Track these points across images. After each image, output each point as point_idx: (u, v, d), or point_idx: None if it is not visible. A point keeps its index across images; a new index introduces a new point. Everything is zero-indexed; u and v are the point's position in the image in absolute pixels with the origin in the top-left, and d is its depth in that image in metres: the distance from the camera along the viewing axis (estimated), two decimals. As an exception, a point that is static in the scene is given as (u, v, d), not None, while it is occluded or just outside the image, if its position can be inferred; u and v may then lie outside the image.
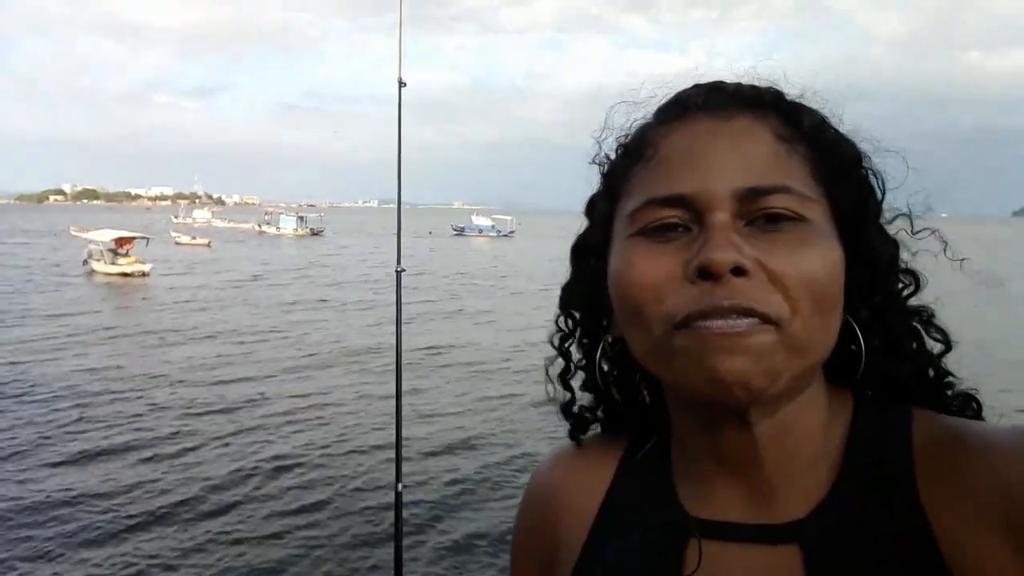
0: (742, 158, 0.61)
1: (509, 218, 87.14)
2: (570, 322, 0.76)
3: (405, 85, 3.11)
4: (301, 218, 79.14)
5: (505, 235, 79.28)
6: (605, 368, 0.75)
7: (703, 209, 0.59)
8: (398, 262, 3.04)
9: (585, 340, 0.76)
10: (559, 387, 0.78)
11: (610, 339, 0.72)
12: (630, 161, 0.67)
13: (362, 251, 50.33)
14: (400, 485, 2.81)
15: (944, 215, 0.72)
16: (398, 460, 2.87)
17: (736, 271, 0.57)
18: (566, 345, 0.77)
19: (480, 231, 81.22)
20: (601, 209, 0.70)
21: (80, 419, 10.92)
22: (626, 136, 0.70)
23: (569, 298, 0.76)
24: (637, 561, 0.67)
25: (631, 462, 0.74)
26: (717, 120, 0.63)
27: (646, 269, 0.60)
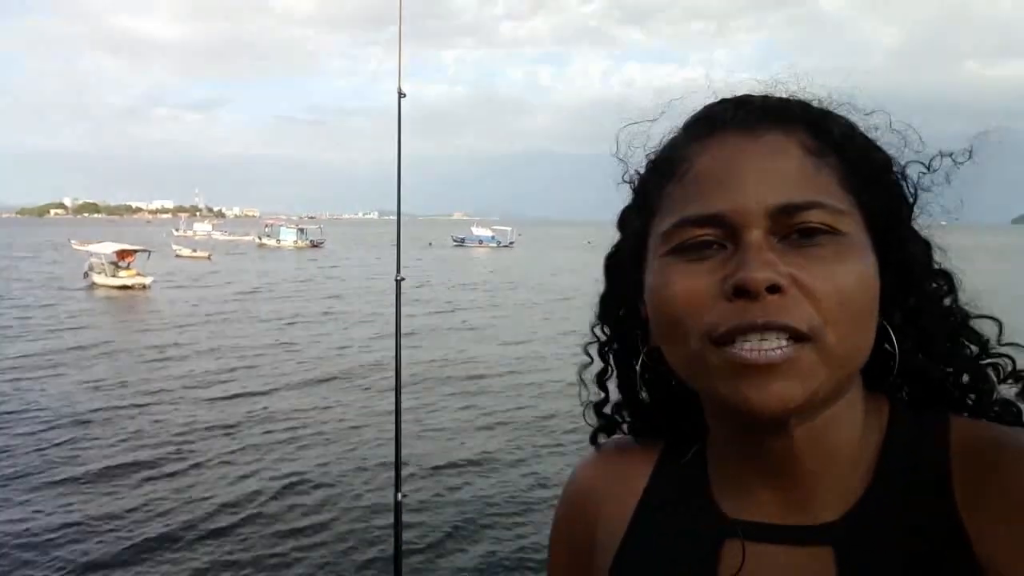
0: (773, 175, 0.61)
1: (509, 229, 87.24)
2: (607, 331, 0.78)
3: (405, 96, 3.13)
4: (301, 230, 79.15)
5: (505, 246, 79.30)
6: (643, 375, 0.76)
7: (737, 227, 0.60)
8: (397, 271, 3.05)
9: (621, 349, 0.77)
10: (595, 388, 0.80)
11: (646, 348, 0.73)
12: (661, 178, 0.67)
13: (362, 263, 50.33)
14: (400, 494, 2.80)
15: (943, 223, 0.72)
16: (397, 469, 2.87)
17: (771, 288, 0.57)
18: (604, 351, 0.78)
19: (480, 242, 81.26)
20: (634, 225, 0.71)
21: (80, 438, 10.82)
22: (655, 152, 0.71)
23: (606, 309, 0.77)
24: (674, 560, 0.68)
25: (668, 464, 0.75)
26: (747, 137, 0.64)
27: (683, 287, 0.61)
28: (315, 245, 73.63)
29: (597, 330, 0.79)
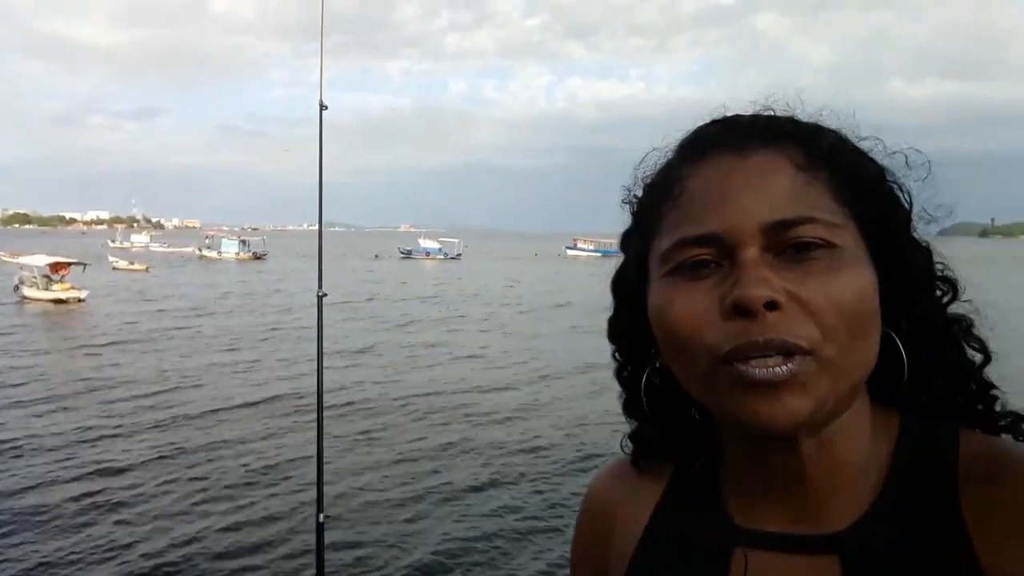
0: (765, 193, 0.62)
1: (456, 240, 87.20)
2: (620, 351, 0.79)
3: (327, 108, 3.10)
4: (244, 242, 77.57)
5: (453, 257, 79.16)
6: (652, 392, 0.76)
7: (732, 246, 0.61)
8: (319, 287, 3.01)
9: (632, 368, 0.78)
10: (625, 416, 0.80)
11: (657, 365, 0.74)
12: (657, 200, 0.69)
13: (305, 276, 49.50)
14: (322, 516, 2.75)
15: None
16: (319, 489, 2.81)
17: (769, 305, 0.58)
18: (623, 374, 0.79)
19: (428, 253, 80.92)
20: (636, 246, 0.72)
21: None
22: (651, 176, 0.72)
23: (615, 330, 0.78)
24: (685, 567, 0.70)
25: (682, 476, 0.76)
26: (737, 156, 0.65)
27: (683, 307, 0.62)
28: (258, 257, 72.25)
29: (613, 353, 0.79)
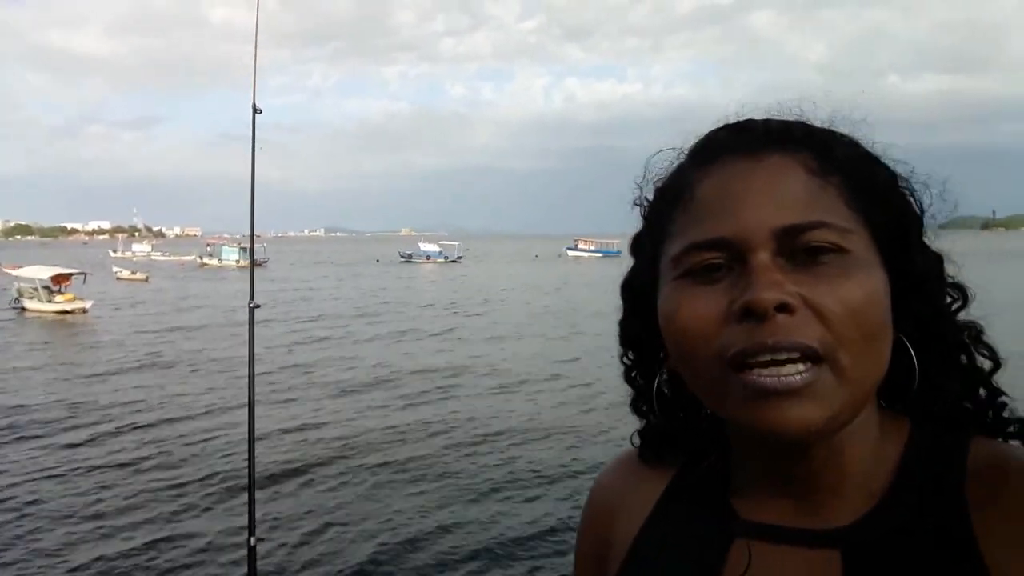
0: (777, 197, 0.62)
1: (457, 244, 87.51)
2: (630, 355, 0.79)
3: (260, 112, 3.01)
4: (244, 248, 77.52)
5: (453, 260, 79.31)
6: (665, 392, 0.77)
7: (743, 250, 0.61)
8: (251, 298, 2.90)
9: (642, 371, 0.78)
10: (635, 415, 0.81)
11: (666, 372, 0.75)
12: (669, 204, 0.69)
13: (305, 283, 49.41)
14: (253, 539, 2.63)
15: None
16: (251, 511, 2.68)
17: (780, 308, 0.58)
18: (632, 376, 0.79)
19: (428, 257, 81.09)
20: (646, 250, 0.72)
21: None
22: (662, 179, 0.72)
23: (625, 334, 0.78)
24: (683, 556, 0.70)
25: (689, 471, 0.77)
26: (749, 161, 0.64)
27: (693, 311, 0.62)
28: (259, 264, 72.17)
29: (622, 356, 0.80)
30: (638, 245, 0.75)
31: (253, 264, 3.12)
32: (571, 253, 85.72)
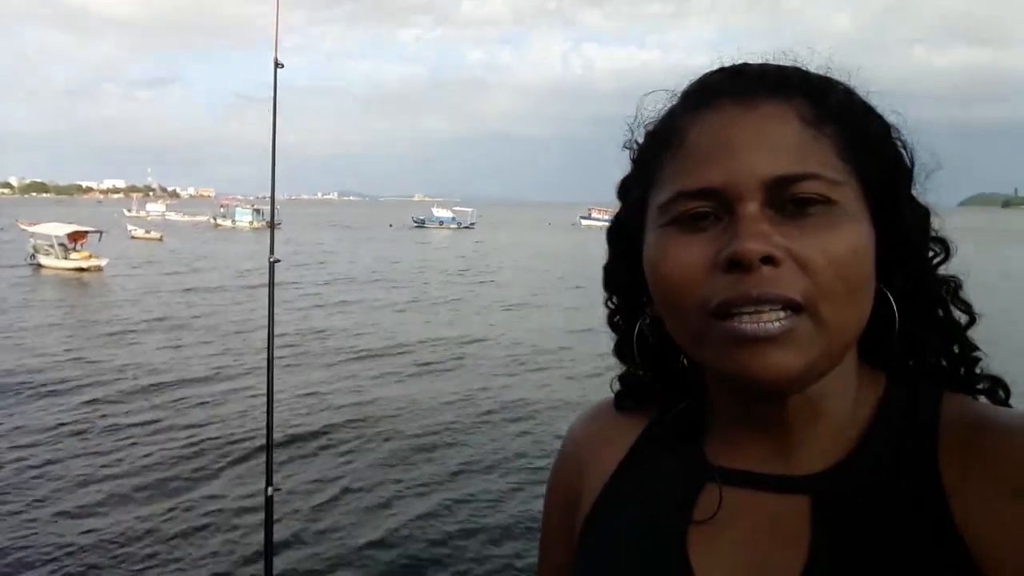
0: (768, 146, 0.61)
1: (470, 210, 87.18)
2: (614, 300, 0.78)
3: (282, 67, 2.99)
4: (257, 211, 77.55)
5: (466, 226, 79.22)
6: (648, 337, 0.76)
7: (732, 200, 0.60)
8: (271, 252, 2.92)
9: (625, 317, 0.78)
10: (617, 359, 0.81)
11: (648, 319, 0.74)
12: (659, 149, 0.68)
13: (319, 247, 49.48)
14: (270, 489, 2.67)
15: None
16: (268, 461, 2.73)
17: (765, 260, 0.58)
18: (615, 320, 0.79)
19: (441, 223, 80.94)
20: (634, 194, 0.71)
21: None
22: (654, 123, 0.71)
23: (609, 279, 0.78)
24: (653, 500, 0.71)
25: (663, 419, 0.77)
26: (742, 107, 0.63)
27: (679, 259, 0.62)
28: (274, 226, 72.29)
29: (606, 300, 0.79)
30: (625, 189, 0.74)
31: (273, 218, 3.12)
32: (584, 222, 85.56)
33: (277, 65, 2.96)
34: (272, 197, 3.15)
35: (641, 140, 0.72)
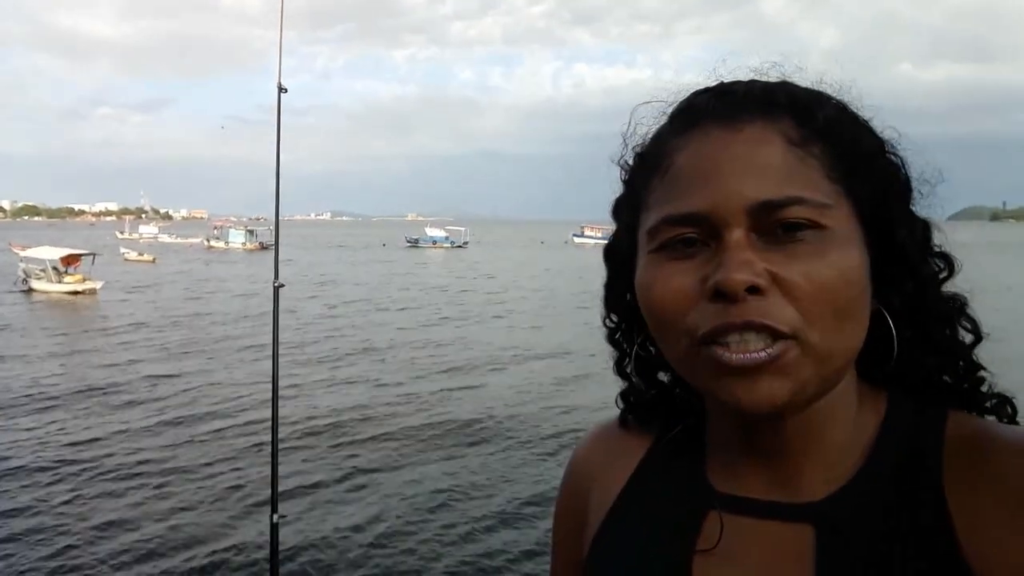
0: (754, 170, 0.60)
1: (463, 229, 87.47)
2: (613, 317, 0.79)
3: (286, 91, 3.01)
4: (251, 232, 77.55)
5: (459, 245, 79.31)
6: (652, 353, 0.76)
7: (718, 225, 0.60)
8: (276, 277, 2.91)
9: (625, 334, 0.78)
10: (618, 376, 0.81)
11: (646, 338, 0.74)
12: (647, 171, 0.67)
13: (313, 267, 49.38)
14: (276, 516, 2.65)
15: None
16: (274, 489, 2.72)
17: (750, 290, 0.57)
18: (615, 338, 0.79)
19: (434, 242, 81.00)
20: (626, 217, 0.71)
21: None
22: (642, 145, 0.70)
23: (608, 297, 0.78)
24: (656, 527, 0.70)
25: (664, 441, 0.76)
26: (727, 130, 0.62)
27: (667, 287, 0.62)
28: (264, 247, 72.21)
29: (605, 318, 0.80)
30: (618, 211, 0.74)
31: (278, 243, 3.12)
32: (577, 240, 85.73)
33: (281, 90, 2.97)
34: (276, 220, 3.15)
35: (631, 160, 0.72)
